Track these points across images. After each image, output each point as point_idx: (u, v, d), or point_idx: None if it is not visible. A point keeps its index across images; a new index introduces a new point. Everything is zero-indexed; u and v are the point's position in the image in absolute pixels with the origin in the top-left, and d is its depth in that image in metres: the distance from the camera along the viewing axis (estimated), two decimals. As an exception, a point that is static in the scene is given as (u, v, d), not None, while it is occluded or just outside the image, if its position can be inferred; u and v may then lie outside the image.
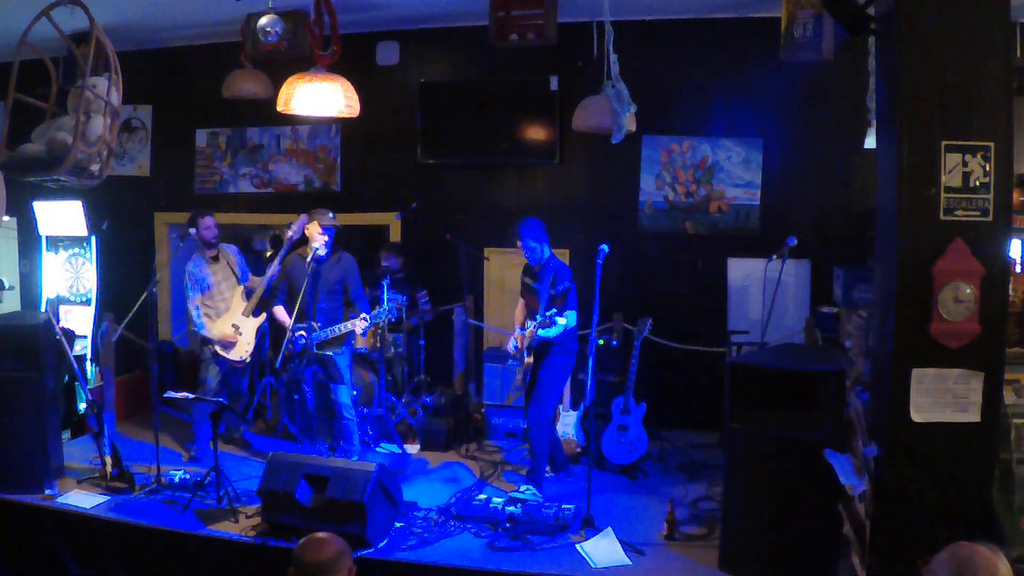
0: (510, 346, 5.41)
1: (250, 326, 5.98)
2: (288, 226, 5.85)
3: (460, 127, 7.03)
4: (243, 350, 5.93)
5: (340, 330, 5.53)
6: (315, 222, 5.57)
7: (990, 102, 3.21)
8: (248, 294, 6.04)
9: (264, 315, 6.05)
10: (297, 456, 4.90)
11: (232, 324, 5.93)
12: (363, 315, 5.51)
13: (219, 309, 6.02)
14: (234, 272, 6.13)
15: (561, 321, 4.86)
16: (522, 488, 5.16)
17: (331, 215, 5.62)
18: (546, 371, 5.17)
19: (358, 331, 5.61)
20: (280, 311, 5.73)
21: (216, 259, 6.09)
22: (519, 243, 5.24)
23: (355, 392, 5.85)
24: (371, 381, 6.22)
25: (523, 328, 5.28)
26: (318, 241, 5.52)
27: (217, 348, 5.93)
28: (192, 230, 5.99)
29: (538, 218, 5.29)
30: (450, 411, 6.26)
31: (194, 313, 5.97)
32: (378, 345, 6.32)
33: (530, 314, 5.27)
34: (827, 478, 3.73)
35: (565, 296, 5.10)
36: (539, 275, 5.26)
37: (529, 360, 5.22)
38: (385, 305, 5.66)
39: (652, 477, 5.57)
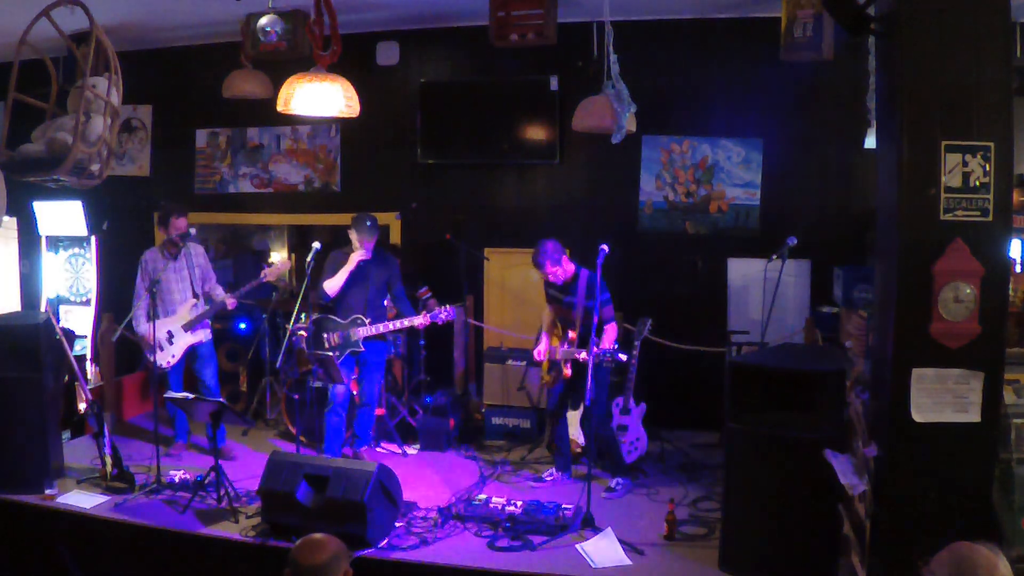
0: (540, 354, 5.43)
1: (182, 341, 5.80)
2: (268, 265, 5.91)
3: (460, 127, 7.02)
4: (164, 360, 5.78)
5: (400, 325, 5.70)
6: (352, 231, 5.62)
7: (990, 102, 3.20)
8: (209, 308, 5.87)
9: (204, 335, 5.92)
10: (297, 456, 4.90)
11: (167, 330, 5.75)
12: (424, 313, 5.67)
13: (164, 308, 5.79)
14: (191, 274, 5.87)
15: (610, 344, 5.03)
16: (612, 483, 5.27)
17: (369, 223, 5.63)
18: (598, 379, 5.19)
19: (418, 327, 5.77)
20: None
21: (175, 256, 5.85)
22: (541, 272, 5.23)
23: (354, 392, 5.85)
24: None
25: (567, 346, 5.25)
26: (357, 249, 5.64)
27: (142, 344, 5.79)
28: (161, 228, 5.83)
29: (552, 240, 5.21)
30: (450, 411, 6.26)
31: (135, 305, 5.78)
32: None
33: (563, 325, 5.22)
34: (827, 478, 3.74)
35: (603, 308, 5.12)
36: (570, 288, 5.25)
37: (568, 372, 5.19)
38: (446, 307, 5.75)
39: (652, 477, 5.57)
